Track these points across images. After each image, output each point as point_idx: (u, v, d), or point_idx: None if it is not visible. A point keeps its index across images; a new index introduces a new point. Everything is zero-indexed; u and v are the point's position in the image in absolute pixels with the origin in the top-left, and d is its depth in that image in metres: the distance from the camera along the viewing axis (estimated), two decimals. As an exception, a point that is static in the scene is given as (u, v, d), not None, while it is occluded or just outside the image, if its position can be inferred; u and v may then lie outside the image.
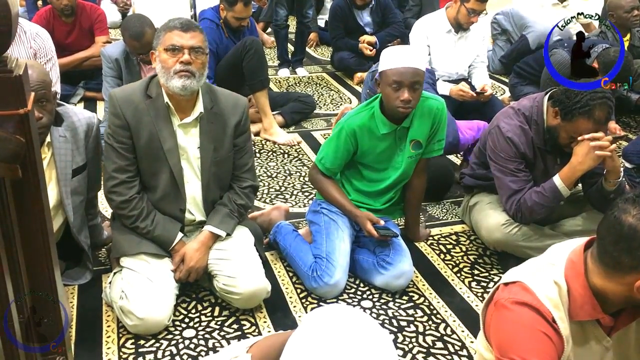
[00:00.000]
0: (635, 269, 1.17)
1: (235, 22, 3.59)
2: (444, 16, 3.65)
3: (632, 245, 1.15)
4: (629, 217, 1.16)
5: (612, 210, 1.21)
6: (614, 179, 2.17)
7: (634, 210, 1.16)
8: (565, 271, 1.28)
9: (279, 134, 3.60)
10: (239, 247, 2.09)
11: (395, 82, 2.09)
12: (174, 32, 1.92)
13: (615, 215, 1.19)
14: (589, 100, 2.04)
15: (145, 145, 1.97)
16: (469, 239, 2.60)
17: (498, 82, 4.82)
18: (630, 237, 1.15)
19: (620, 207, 1.19)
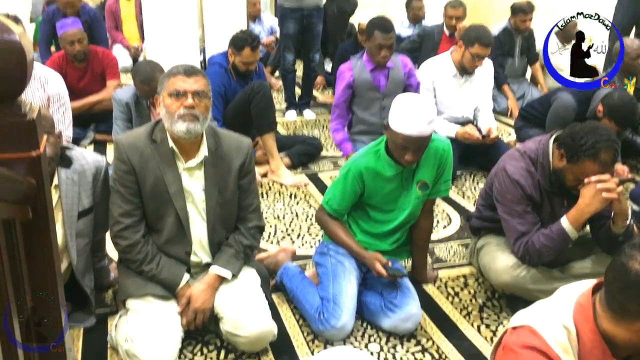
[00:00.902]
0: None
1: (243, 66, 3.66)
2: (449, 60, 3.72)
3: (639, 293, 1.14)
4: (635, 264, 1.15)
5: (619, 256, 1.20)
6: (622, 222, 2.16)
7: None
8: (574, 315, 1.26)
9: (286, 176, 3.63)
10: (245, 289, 2.08)
11: (402, 146, 2.11)
12: (178, 77, 1.96)
13: (622, 262, 1.18)
14: (594, 143, 2.05)
15: (151, 189, 1.99)
16: (477, 282, 2.58)
17: (503, 125, 4.85)
18: (637, 285, 1.14)
19: (627, 254, 1.18)
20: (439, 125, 3.58)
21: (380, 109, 3.57)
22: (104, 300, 2.36)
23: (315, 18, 4.67)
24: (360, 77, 3.51)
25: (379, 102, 3.58)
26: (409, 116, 2.06)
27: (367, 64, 3.50)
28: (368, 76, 3.52)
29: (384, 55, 3.40)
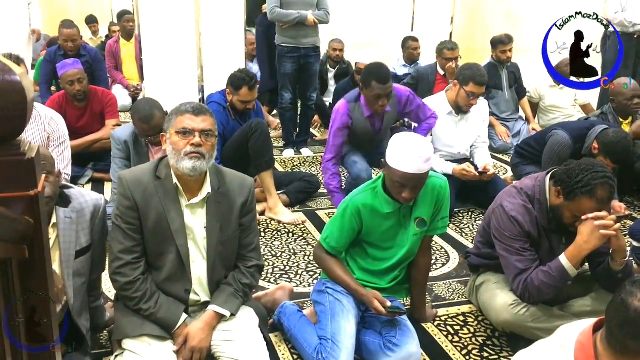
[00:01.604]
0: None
1: (240, 105, 3.70)
2: (445, 98, 3.77)
3: (638, 330, 1.14)
4: (635, 301, 1.15)
5: (619, 293, 1.20)
6: (620, 259, 2.16)
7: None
8: (575, 353, 1.25)
9: (284, 213, 3.62)
10: (243, 328, 2.05)
11: (400, 183, 2.12)
12: (186, 115, 1.99)
13: (622, 298, 1.17)
14: (590, 180, 2.06)
15: (153, 226, 1.99)
16: (477, 320, 2.55)
17: (500, 162, 4.88)
18: (636, 322, 1.14)
19: (627, 290, 1.18)
20: (436, 162, 3.60)
21: (371, 144, 3.66)
22: (100, 341, 2.33)
23: (313, 58, 4.75)
24: (358, 123, 3.54)
25: (372, 138, 3.64)
26: (406, 154, 2.08)
27: (364, 109, 3.52)
28: (365, 122, 3.54)
29: (381, 105, 3.40)
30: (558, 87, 5.34)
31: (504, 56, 5.21)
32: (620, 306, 1.18)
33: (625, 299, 1.17)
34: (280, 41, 4.69)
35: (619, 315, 1.17)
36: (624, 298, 1.17)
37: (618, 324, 1.17)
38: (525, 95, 5.45)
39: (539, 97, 5.43)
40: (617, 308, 1.19)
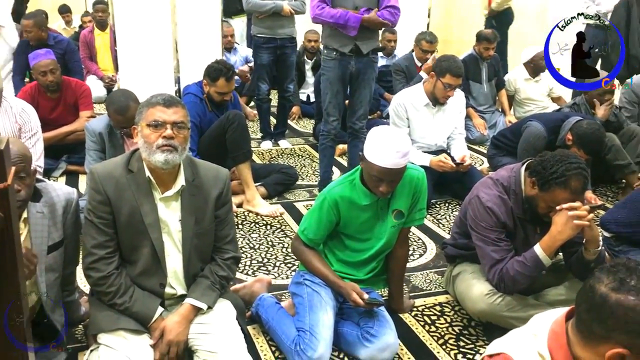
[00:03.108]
0: (606, 339, 1.17)
1: (218, 96, 3.67)
2: (422, 90, 3.78)
3: (603, 315, 1.16)
4: (601, 286, 1.18)
5: (588, 280, 1.22)
6: (593, 248, 2.20)
7: (607, 280, 1.18)
8: (549, 342, 1.27)
9: (261, 206, 3.61)
10: (220, 321, 2.04)
11: (377, 177, 2.13)
12: (157, 107, 1.96)
13: (590, 284, 1.20)
14: (564, 171, 2.09)
15: (127, 220, 1.96)
16: (454, 310, 2.58)
17: (476, 153, 4.93)
18: (601, 306, 1.16)
19: (595, 276, 1.21)
20: (413, 154, 3.61)
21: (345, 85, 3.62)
22: (75, 335, 2.30)
23: (289, 49, 4.72)
24: None
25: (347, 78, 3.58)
26: (384, 149, 2.08)
27: None
28: None
29: None
30: (533, 79, 5.40)
31: (486, 53, 5.24)
32: (588, 292, 1.21)
33: (592, 285, 1.20)
34: (256, 32, 4.66)
35: (587, 301, 1.20)
36: (592, 284, 1.20)
37: (585, 309, 1.21)
38: (503, 87, 5.50)
39: (514, 90, 5.48)
40: (585, 294, 1.22)
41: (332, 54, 3.49)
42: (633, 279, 1.15)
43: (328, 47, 3.52)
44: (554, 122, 3.71)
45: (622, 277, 1.17)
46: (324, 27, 3.57)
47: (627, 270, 1.17)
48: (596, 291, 1.18)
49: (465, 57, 5.20)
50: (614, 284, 1.16)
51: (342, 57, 3.47)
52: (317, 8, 3.39)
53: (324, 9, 3.37)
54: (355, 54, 3.47)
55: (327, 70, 3.55)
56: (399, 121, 3.78)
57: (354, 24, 3.34)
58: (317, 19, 3.43)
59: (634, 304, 1.13)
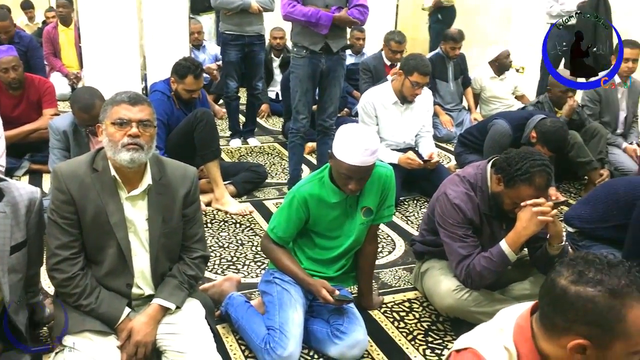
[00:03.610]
0: (567, 331, 1.20)
1: (186, 94, 3.63)
2: (390, 88, 3.81)
3: (564, 307, 1.19)
4: (561, 279, 1.21)
5: (549, 273, 1.25)
6: (557, 243, 2.24)
7: (566, 273, 1.21)
8: (514, 336, 1.29)
9: (230, 204, 3.59)
10: (189, 321, 2.02)
11: (346, 175, 2.13)
12: (122, 105, 1.93)
13: (551, 278, 1.23)
14: (529, 168, 2.13)
15: (92, 220, 1.93)
16: (422, 306, 2.61)
17: (444, 150, 4.99)
18: (562, 299, 1.20)
19: (555, 270, 1.24)
20: (382, 152, 3.64)
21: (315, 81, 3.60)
22: (40, 337, 2.25)
23: (257, 46, 4.70)
24: None
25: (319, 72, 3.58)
26: (353, 146, 2.09)
27: None
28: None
29: None
30: (498, 78, 5.49)
31: (452, 52, 5.31)
32: (549, 285, 1.24)
33: (553, 278, 1.23)
34: (224, 29, 4.62)
35: (548, 294, 1.24)
36: (552, 277, 1.24)
37: (547, 302, 1.24)
38: (470, 85, 5.57)
39: (480, 88, 5.57)
40: (546, 287, 1.25)
41: (302, 52, 3.48)
42: (591, 271, 1.18)
43: (298, 45, 3.51)
44: (519, 120, 3.78)
45: (581, 269, 1.19)
46: (293, 25, 3.57)
47: (585, 263, 1.20)
48: (556, 284, 1.21)
49: (432, 56, 5.26)
50: (573, 276, 1.19)
51: (312, 55, 3.47)
52: (289, 6, 3.38)
53: (295, 7, 3.37)
54: (325, 52, 3.48)
55: (297, 68, 3.54)
56: (367, 119, 3.80)
57: (326, 23, 3.35)
58: (288, 16, 3.42)
59: (592, 295, 1.16)
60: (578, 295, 1.17)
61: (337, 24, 3.40)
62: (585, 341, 1.18)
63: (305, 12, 3.34)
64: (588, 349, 1.18)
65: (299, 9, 3.36)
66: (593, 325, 1.17)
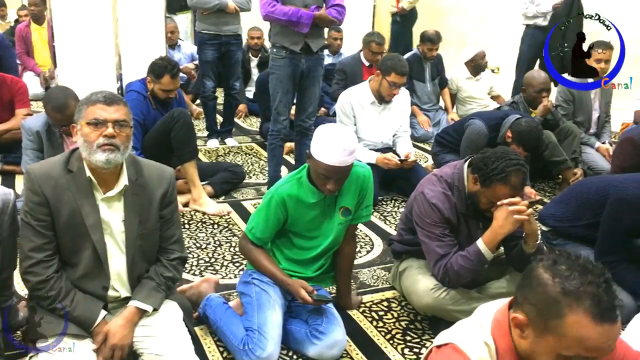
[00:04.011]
0: (519, 306, 1.28)
1: (162, 94, 3.60)
2: (367, 88, 3.82)
3: (525, 283, 1.28)
4: (538, 263, 1.28)
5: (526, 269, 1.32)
6: (532, 242, 2.27)
7: (546, 259, 1.27)
8: (492, 331, 1.31)
9: (208, 205, 3.57)
10: (166, 323, 2.00)
11: (324, 175, 2.14)
12: (97, 105, 1.90)
13: (532, 265, 1.30)
14: (505, 167, 2.16)
15: (66, 222, 1.89)
16: (400, 305, 2.62)
17: (421, 150, 5.02)
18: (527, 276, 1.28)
19: (530, 266, 1.30)
20: (359, 151, 3.65)
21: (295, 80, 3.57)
22: (13, 342, 2.21)
23: (234, 46, 4.68)
24: None
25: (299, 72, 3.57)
26: (331, 147, 2.09)
27: None
28: None
29: None
30: (474, 78, 5.54)
31: (429, 53, 5.36)
32: (524, 278, 1.30)
33: (532, 265, 1.29)
34: (201, 28, 4.60)
35: (523, 286, 1.29)
36: (533, 264, 1.30)
37: (519, 285, 1.31)
38: (446, 85, 5.62)
39: (456, 89, 5.62)
40: (522, 280, 1.31)
41: (282, 52, 3.47)
42: (564, 265, 1.24)
43: (277, 45, 3.50)
44: (495, 120, 3.82)
45: (557, 260, 1.25)
46: (272, 25, 3.56)
47: (566, 259, 1.26)
48: (532, 265, 1.29)
49: (409, 57, 5.29)
50: (548, 262, 1.26)
51: (292, 55, 3.46)
52: (269, 6, 3.37)
53: (275, 7, 3.36)
54: (305, 52, 3.47)
55: (277, 69, 3.53)
56: (345, 119, 3.81)
57: (307, 21, 3.35)
58: (268, 16, 3.41)
59: (548, 282, 1.22)
60: (539, 277, 1.24)
61: (317, 23, 3.40)
62: (525, 319, 1.25)
63: (286, 11, 3.34)
64: (525, 328, 1.26)
65: (279, 8, 3.35)
66: (536, 308, 1.23)
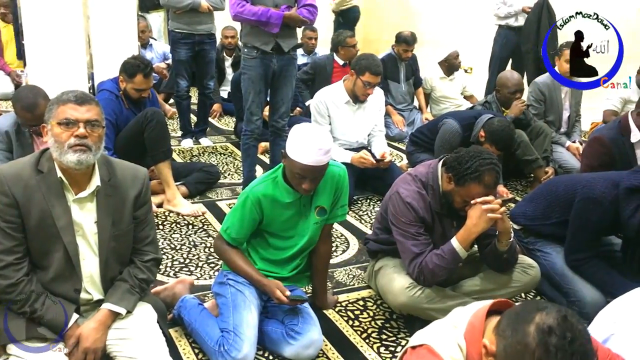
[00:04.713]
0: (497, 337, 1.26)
1: (135, 93, 3.56)
2: (342, 88, 3.83)
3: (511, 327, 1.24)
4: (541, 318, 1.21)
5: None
6: (505, 240, 2.30)
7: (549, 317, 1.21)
8: (466, 334, 1.32)
9: (182, 205, 3.54)
10: (140, 325, 1.98)
11: (300, 175, 2.13)
12: (68, 105, 1.86)
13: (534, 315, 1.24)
14: (478, 167, 2.18)
15: (37, 223, 1.86)
16: (376, 304, 2.63)
17: (396, 150, 5.05)
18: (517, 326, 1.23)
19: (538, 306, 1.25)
20: (335, 151, 3.65)
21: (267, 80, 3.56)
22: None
23: (208, 45, 4.64)
24: None
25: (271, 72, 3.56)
26: (306, 146, 2.09)
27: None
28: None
29: None
30: (448, 78, 5.60)
31: (404, 55, 5.39)
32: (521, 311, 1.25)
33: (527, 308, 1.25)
34: (173, 27, 4.55)
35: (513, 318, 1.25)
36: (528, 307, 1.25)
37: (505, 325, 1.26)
38: (420, 85, 5.66)
39: (430, 88, 5.66)
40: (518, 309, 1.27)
41: (253, 52, 3.46)
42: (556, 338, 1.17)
43: (248, 45, 3.49)
44: (468, 120, 3.86)
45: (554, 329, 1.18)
46: (243, 25, 3.54)
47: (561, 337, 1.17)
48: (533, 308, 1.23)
49: (384, 57, 5.31)
50: (546, 324, 1.19)
51: (263, 55, 3.45)
52: (238, 6, 3.35)
53: (244, 7, 3.34)
54: (276, 52, 3.46)
55: (248, 69, 3.51)
56: (320, 118, 3.81)
57: (277, 21, 3.34)
58: (238, 17, 3.39)
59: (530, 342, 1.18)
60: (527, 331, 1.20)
61: (287, 22, 3.39)
62: (493, 352, 1.24)
63: (255, 11, 3.32)
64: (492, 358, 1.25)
65: (248, 8, 3.33)
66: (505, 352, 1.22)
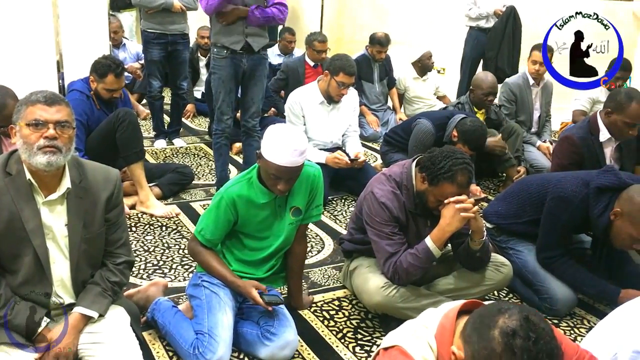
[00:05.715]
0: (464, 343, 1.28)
1: (106, 93, 3.51)
2: (316, 88, 3.84)
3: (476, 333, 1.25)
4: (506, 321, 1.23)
5: None
6: (478, 239, 2.33)
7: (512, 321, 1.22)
8: (436, 335, 1.33)
9: (156, 206, 3.50)
10: (113, 329, 1.95)
11: (275, 176, 2.13)
12: (37, 105, 1.83)
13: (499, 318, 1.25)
14: (451, 166, 2.20)
15: (5, 227, 1.82)
16: (351, 304, 2.64)
17: (370, 150, 5.07)
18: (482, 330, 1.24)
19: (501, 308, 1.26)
20: (309, 151, 3.65)
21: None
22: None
23: (181, 45, 4.61)
24: None
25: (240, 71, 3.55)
26: (281, 147, 2.08)
27: None
28: None
29: None
30: (421, 79, 5.64)
31: (378, 56, 5.42)
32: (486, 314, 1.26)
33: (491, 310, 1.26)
34: (146, 27, 4.50)
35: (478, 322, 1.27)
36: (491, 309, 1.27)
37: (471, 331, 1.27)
38: (394, 85, 5.70)
39: (404, 89, 5.70)
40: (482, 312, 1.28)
41: (223, 52, 3.44)
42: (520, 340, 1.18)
43: (218, 45, 3.46)
44: (441, 120, 3.89)
45: (517, 332, 1.20)
46: (212, 24, 3.51)
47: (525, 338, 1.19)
48: (497, 311, 1.24)
49: (358, 57, 5.33)
50: (510, 328, 1.20)
51: (233, 55, 3.43)
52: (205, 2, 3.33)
53: None
54: (246, 52, 3.45)
55: (218, 69, 3.49)
56: (294, 119, 3.81)
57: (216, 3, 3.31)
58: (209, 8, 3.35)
59: (496, 346, 1.20)
60: (492, 335, 1.21)
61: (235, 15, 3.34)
62: (462, 358, 1.26)
63: None
64: None
65: None
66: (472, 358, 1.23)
